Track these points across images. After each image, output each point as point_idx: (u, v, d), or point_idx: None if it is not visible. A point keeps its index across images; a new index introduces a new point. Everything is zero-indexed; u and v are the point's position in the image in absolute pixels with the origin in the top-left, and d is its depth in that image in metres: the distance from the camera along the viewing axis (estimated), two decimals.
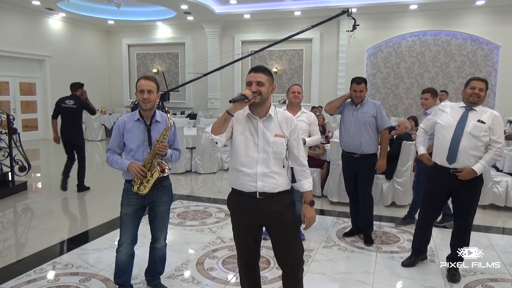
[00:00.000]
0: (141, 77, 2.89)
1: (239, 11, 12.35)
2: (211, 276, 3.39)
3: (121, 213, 2.88)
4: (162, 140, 2.80)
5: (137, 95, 2.84)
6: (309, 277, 3.40)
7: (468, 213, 3.33)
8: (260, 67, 2.33)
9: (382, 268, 3.63)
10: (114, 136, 2.87)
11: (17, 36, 11.61)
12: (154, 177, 2.77)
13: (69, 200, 5.99)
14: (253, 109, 2.31)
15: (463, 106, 3.30)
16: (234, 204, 2.41)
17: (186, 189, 6.69)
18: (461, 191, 3.28)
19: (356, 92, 4.06)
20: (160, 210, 2.91)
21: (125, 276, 2.93)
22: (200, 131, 7.67)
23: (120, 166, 2.80)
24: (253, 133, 2.31)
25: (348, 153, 4.21)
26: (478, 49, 11.40)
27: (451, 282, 3.33)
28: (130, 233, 2.86)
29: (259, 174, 2.27)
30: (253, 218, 2.35)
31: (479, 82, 3.26)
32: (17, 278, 3.28)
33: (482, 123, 3.17)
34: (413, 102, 12.10)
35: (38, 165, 8.97)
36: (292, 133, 2.35)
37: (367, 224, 4.26)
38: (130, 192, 2.83)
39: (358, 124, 4.09)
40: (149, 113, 2.86)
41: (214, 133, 2.23)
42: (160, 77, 14.64)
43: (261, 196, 2.30)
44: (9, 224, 5.01)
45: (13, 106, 11.84)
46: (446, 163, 3.26)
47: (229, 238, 4.26)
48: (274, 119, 2.32)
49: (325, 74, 12.89)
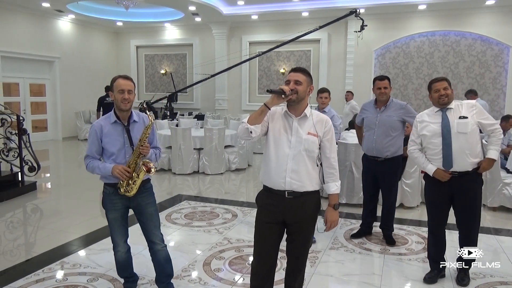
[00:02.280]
0: (117, 76, 2.76)
1: (246, 12, 12.35)
2: (218, 277, 3.39)
3: (109, 218, 2.85)
4: (144, 139, 2.74)
5: (114, 95, 2.72)
6: (316, 278, 3.39)
7: (472, 214, 3.24)
8: (300, 68, 2.44)
9: (390, 270, 3.60)
10: (91, 141, 2.76)
11: (27, 37, 11.74)
12: (140, 178, 2.73)
13: (77, 201, 6.04)
14: (290, 107, 2.40)
15: (438, 109, 3.21)
16: (263, 200, 2.48)
17: (194, 190, 6.70)
18: (462, 193, 3.20)
19: (380, 89, 3.93)
20: (148, 212, 2.87)
21: (129, 269, 3.03)
22: (207, 132, 7.69)
23: (103, 171, 2.71)
24: (287, 130, 2.39)
25: (371, 157, 4.10)
26: (488, 50, 11.28)
27: (460, 286, 3.28)
28: (122, 234, 2.88)
29: (289, 170, 2.34)
30: (279, 215, 2.40)
31: (440, 83, 3.19)
32: (25, 278, 3.31)
33: (465, 118, 3.10)
34: (422, 103, 12.00)
35: (47, 165, 9.05)
36: (326, 134, 2.42)
37: (389, 225, 4.24)
38: (113, 196, 2.78)
39: (382, 128, 3.96)
40: (126, 114, 2.77)
41: (250, 123, 2.32)
42: (168, 78, 14.72)
43: (290, 196, 2.36)
44: (18, 224, 5.07)
45: (23, 107, 11.96)
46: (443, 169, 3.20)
47: (236, 239, 4.27)
48: (309, 119, 2.40)
49: (332, 75, 12.85)
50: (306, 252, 2.54)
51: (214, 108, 14.08)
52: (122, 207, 2.83)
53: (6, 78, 11.27)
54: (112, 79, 2.77)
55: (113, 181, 2.76)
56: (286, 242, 2.51)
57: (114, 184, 2.77)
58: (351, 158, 5.47)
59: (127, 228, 2.94)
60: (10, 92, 11.77)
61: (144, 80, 15.36)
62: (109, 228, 2.89)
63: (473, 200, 3.22)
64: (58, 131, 13.03)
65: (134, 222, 3.08)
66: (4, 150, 6.35)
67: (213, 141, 7.69)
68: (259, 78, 13.70)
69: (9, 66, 11.29)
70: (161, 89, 14.99)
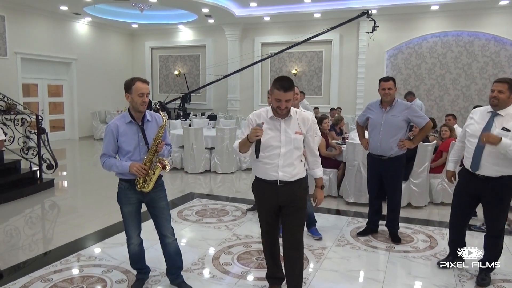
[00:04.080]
0: (136, 79, 2.85)
1: (259, 14, 12.48)
2: (226, 270, 3.52)
3: (123, 212, 3.00)
4: (159, 138, 2.89)
5: (132, 97, 2.82)
6: (321, 274, 3.49)
7: (498, 217, 3.28)
8: (289, 85, 2.59)
9: (394, 267, 3.68)
10: (108, 141, 2.88)
11: (45, 40, 12.09)
12: (156, 174, 2.90)
13: (93, 198, 6.26)
14: (276, 114, 2.68)
15: (490, 111, 3.22)
16: (258, 189, 2.86)
17: (206, 189, 6.85)
18: (489, 194, 3.23)
19: (384, 90, 4.01)
20: (160, 206, 3.02)
21: (141, 261, 3.19)
22: (219, 132, 7.84)
23: (121, 168, 2.85)
24: (275, 131, 2.69)
25: (376, 155, 4.19)
26: (502, 50, 11.17)
27: (479, 286, 3.29)
28: (135, 227, 3.04)
29: (280, 165, 2.67)
30: (273, 200, 2.76)
31: (498, 84, 3.16)
32: (44, 268, 3.50)
33: (507, 131, 3.05)
34: (434, 104, 11.96)
35: (64, 164, 9.33)
36: (309, 130, 2.77)
37: (394, 223, 4.32)
38: (128, 191, 2.94)
39: (388, 128, 4.04)
40: (141, 114, 2.91)
41: (242, 151, 2.72)
42: (182, 79, 14.94)
43: (281, 183, 2.70)
44: (37, 220, 5.29)
45: (41, 107, 12.32)
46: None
47: (244, 236, 4.39)
48: (294, 118, 2.71)
49: (344, 76, 12.89)
50: (300, 230, 2.83)
51: (226, 108, 14.25)
52: (136, 201, 2.99)
53: (25, 79, 11.65)
54: (127, 81, 2.86)
55: (128, 177, 2.92)
56: (281, 224, 2.87)
57: (130, 180, 2.93)
58: (359, 158, 5.54)
59: (140, 222, 3.10)
60: (29, 93, 12.16)
61: (158, 81, 15.63)
62: (124, 221, 3.05)
63: (501, 200, 3.22)
64: (75, 130, 13.36)
65: (147, 219, 3.24)
66: (24, 148, 6.62)
67: (225, 141, 7.83)
68: (271, 79, 13.80)
69: (29, 68, 11.65)
70: (175, 89, 15.23)
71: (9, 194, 5.79)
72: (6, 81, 10.67)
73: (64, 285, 3.21)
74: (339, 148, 6.12)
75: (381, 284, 3.33)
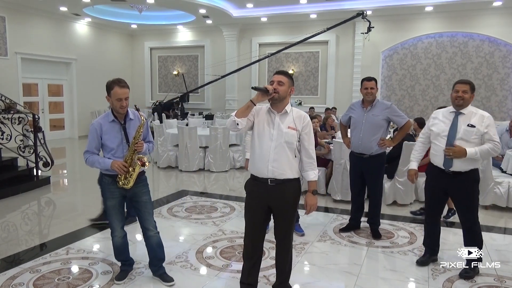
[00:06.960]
0: (114, 84, 2.97)
1: (256, 15, 12.63)
2: (208, 263, 3.67)
3: (107, 206, 3.16)
4: (138, 137, 3.05)
5: (112, 101, 2.98)
6: (298, 267, 3.63)
7: (468, 212, 3.43)
8: (283, 71, 2.78)
9: (371, 261, 3.81)
10: (91, 138, 3.04)
11: (45, 40, 12.28)
12: (136, 171, 3.05)
13: (87, 194, 6.41)
14: (273, 104, 2.74)
15: (453, 111, 3.40)
16: (250, 188, 2.85)
17: (199, 187, 6.99)
18: (457, 190, 3.40)
19: (367, 90, 4.14)
20: (143, 200, 3.18)
21: (125, 253, 3.32)
22: (213, 131, 7.98)
23: (103, 165, 3.02)
24: (270, 125, 2.72)
25: (357, 154, 4.32)
26: (496, 51, 11.27)
27: (463, 279, 3.40)
28: (119, 220, 3.19)
29: (271, 159, 2.68)
30: (264, 200, 2.76)
31: (462, 85, 3.36)
32: (34, 260, 3.66)
33: (472, 127, 3.26)
34: (429, 104, 12.06)
35: (63, 162, 9.51)
36: (304, 128, 2.75)
37: (376, 219, 4.45)
38: (111, 186, 3.09)
39: (368, 127, 4.18)
40: (122, 114, 3.07)
41: (237, 116, 2.63)
42: (180, 78, 15.10)
43: (272, 183, 2.70)
44: (33, 215, 5.46)
45: (41, 106, 12.51)
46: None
47: (230, 231, 4.54)
48: (290, 115, 2.73)
49: (340, 76, 13.02)
50: (288, 235, 2.85)
51: (224, 108, 14.40)
52: (119, 195, 3.14)
53: (26, 79, 11.84)
54: (108, 84, 3.02)
55: (112, 173, 3.08)
56: None
57: (113, 175, 3.09)
58: (346, 156, 5.64)
59: (124, 215, 3.25)
60: (30, 92, 12.37)
61: (157, 81, 15.80)
62: (107, 215, 3.21)
63: (469, 195, 3.39)
64: (75, 129, 13.55)
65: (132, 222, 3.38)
66: (21, 146, 6.78)
67: (218, 140, 7.97)
68: (268, 79, 13.95)
69: (29, 68, 11.84)
70: (174, 89, 15.40)
71: (6, 190, 5.97)
72: (7, 80, 10.87)
73: (51, 276, 3.36)
74: (328, 147, 6.25)
75: (355, 277, 3.46)
